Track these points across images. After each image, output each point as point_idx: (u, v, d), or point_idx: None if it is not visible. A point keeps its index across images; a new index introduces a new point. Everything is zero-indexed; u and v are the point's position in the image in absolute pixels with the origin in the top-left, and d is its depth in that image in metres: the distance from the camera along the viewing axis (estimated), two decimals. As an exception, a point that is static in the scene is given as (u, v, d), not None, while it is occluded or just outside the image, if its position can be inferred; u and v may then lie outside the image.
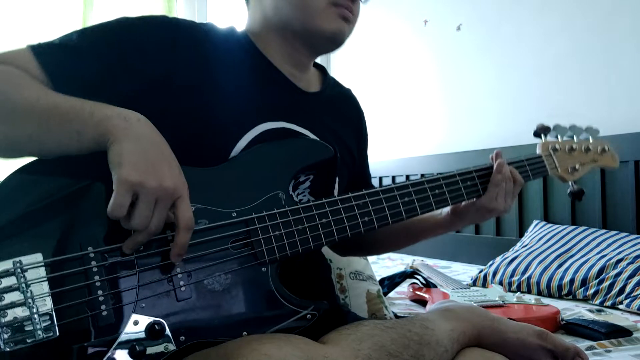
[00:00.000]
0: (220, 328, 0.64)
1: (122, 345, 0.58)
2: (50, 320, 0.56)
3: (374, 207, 0.79)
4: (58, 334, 0.56)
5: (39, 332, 0.55)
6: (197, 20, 0.86)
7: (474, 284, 1.92)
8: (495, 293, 1.48)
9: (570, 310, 1.49)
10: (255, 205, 0.71)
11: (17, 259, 0.56)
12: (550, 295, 1.70)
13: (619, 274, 1.57)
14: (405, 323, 0.71)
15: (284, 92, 0.85)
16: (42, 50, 0.70)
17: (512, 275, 1.85)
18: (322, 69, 0.99)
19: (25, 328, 0.55)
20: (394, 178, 2.99)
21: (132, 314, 0.60)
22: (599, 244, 1.78)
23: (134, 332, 0.59)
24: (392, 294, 1.74)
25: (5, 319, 0.55)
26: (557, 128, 1.06)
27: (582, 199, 1.06)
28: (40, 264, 0.57)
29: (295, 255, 0.71)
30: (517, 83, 2.40)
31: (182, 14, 3.06)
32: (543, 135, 1.05)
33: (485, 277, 1.92)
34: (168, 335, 0.60)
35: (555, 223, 2.07)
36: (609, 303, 1.53)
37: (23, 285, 0.56)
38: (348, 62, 3.55)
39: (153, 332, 0.59)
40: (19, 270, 0.56)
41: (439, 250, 2.64)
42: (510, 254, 1.97)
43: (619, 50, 1.99)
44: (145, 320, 0.60)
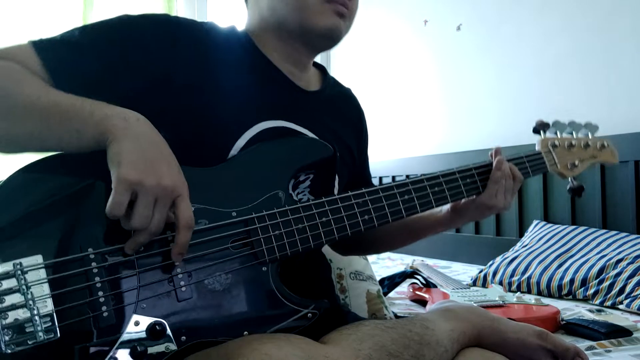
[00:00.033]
0: (221, 328, 0.64)
1: (123, 346, 0.58)
2: (52, 322, 0.56)
3: (374, 205, 0.79)
4: (59, 336, 0.56)
5: (40, 333, 0.55)
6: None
7: (474, 284, 1.92)
8: (495, 293, 1.48)
9: (570, 310, 1.49)
10: (255, 205, 0.71)
11: (17, 261, 0.56)
12: (550, 295, 1.70)
13: (619, 274, 1.57)
14: (406, 323, 0.71)
15: (284, 90, 0.86)
16: (43, 46, 0.70)
17: (512, 275, 1.85)
18: (322, 69, 0.99)
19: (27, 330, 0.55)
20: (394, 178, 2.99)
21: (133, 315, 0.60)
22: (599, 244, 1.78)
23: (135, 332, 0.59)
24: (392, 294, 1.74)
25: (6, 321, 0.55)
26: (556, 124, 1.05)
27: (581, 195, 1.06)
28: (41, 266, 0.57)
29: (296, 255, 0.72)
30: (517, 83, 2.40)
31: (182, 14, 3.07)
32: (542, 132, 1.04)
33: (485, 277, 1.92)
34: (169, 336, 0.61)
35: (555, 223, 2.07)
36: (609, 303, 1.53)
37: (24, 287, 0.56)
38: (348, 62, 3.55)
39: (154, 332, 0.60)
40: (20, 272, 0.56)
41: (439, 250, 2.64)
42: (510, 254, 1.97)
43: (619, 50, 1.99)
44: (146, 321, 0.60)
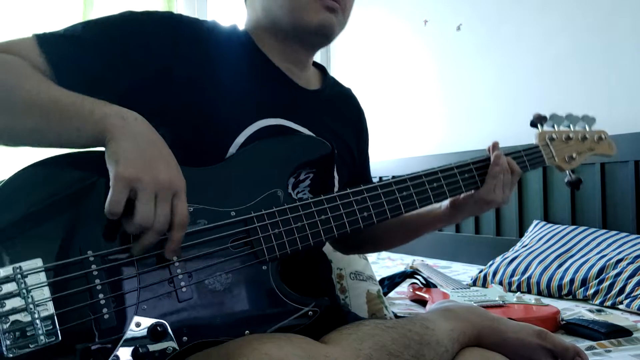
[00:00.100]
0: (222, 327, 0.64)
1: (125, 347, 0.58)
2: (53, 325, 0.56)
3: (373, 202, 0.79)
4: (60, 339, 0.56)
5: (42, 337, 0.55)
6: (196, 19, 0.86)
7: (474, 284, 1.92)
8: (495, 293, 1.48)
9: (570, 310, 1.49)
10: (254, 204, 0.71)
11: (17, 265, 0.56)
12: (550, 295, 1.70)
13: (619, 274, 1.57)
14: (406, 323, 0.71)
15: (283, 89, 0.86)
16: (46, 40, 0.70)
17: (512, 275, 1.85)
18: (322, 69, 0.99)
19: (28, 333, 0.55)
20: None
21: (134, 316, 0.60)
22: (599, 244, 1.78)
23: (137, 333, 0.59)
24: (392, 294, 1.74)
25: (7, 325, 0.54)
26: (553, 117, 1.05)
27: (579, 188, 1.05)
28: (40, 269, 0.57)
29: (296, 253, 0.72)
30: (517, 83, 2.40)
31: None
32: (540, 125, 1.04)
33: (485, 277, 1.92)
34: (170, 336, 0.61)
35: (555, 223, 2.07)
36: (609, 303, 1.53)
37: (24, 291, 0.56)
38: (348, 62, 3.55)
39: (155, 333, 0.60)
40: (19, 276, 0.56)
41: (439, 250, 2.64)
42: (510, 254, 1.97)
43: (619, 50, 1.99)
44: (147, 322, 0.60)
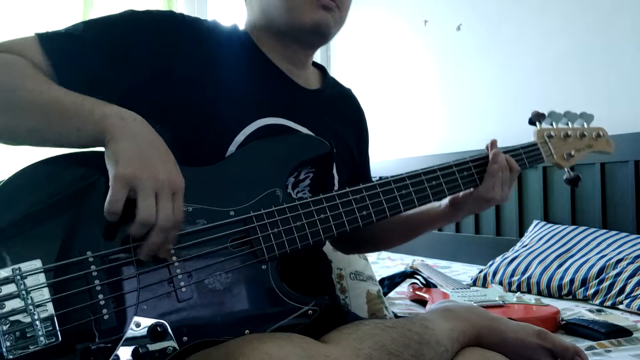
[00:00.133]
0: (223, 327, 0.64)
1: (125, 347, 0.58)
2: (52, 326, 0.56)
3: (372, 200, 0.79)
4: (60, 339, 0.56)
5: (42, 338, 0.55)
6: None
7: (474, 284, 1.92)
8: (495, 293, 1.48)
9: (570, 310, 1.49)
10: (253, 203, 0.71)
11: (16, 266, 0.56)
12: (550, 295, 1.70)
13: (619, 274, 1.57)
14: (406, 323, 0.72)
15: (283, 88, 0.86)
16: (47, 39, 0.70)
17: (512, 275, 1.85)
18: (322, 69, 0.99)
19: (28, 335, 0.55)
20: (394, 178, 2.98)
21: (133, 316, 0.60)
22: (599, 244, 1.78)
23: (137, 334, 0.59)
24: (392, 294, 1.74)
25: (7, 327, 0.54)
26: (552, 115, 1.04)
27: (578, 185, 1.05)
28: (40, 270, 0.57)
29: (295, 253, 0.72)
30: (517, 83, 2.40)
31: (182, 14, 3.06)
32: (538, 123, 1.03)
33: (485, 277, 1.92)
34: (170, 336, 0.61)
35: (555, 223, 2.07)
36: (609, 303, 1.53)
37: (23, 292, 0.56)
38: (348, 62, 3.55)
39: (155, 333, 0.60)
40: (19, 278, 0.56)
41: (439, 250, 2.64)
42: (510, 254, 1.97)
43: (619, 50, 1.99)
44: (147, 322, 0.60)
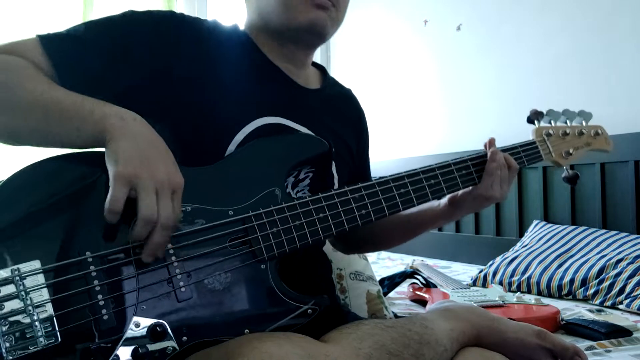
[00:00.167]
0: (222, 327, 0.64)
1: (124, 347, 0.58)
2: (52, 327, 0.56)
3: (371, 199, 0.79)
4: (60, 340, 0.56)
5: (41, 339, 0.55)
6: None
7: (474, 284, 1.92)
8: (495, 293, 1.48)
9: (570, 310, 1.49)
10: (252, 203, 0.71)
11: (15, 267, 0.56)
12: (550, 295, 1.70)
13: (619, 274, 1.57)
14: (406, 322, 0.71)
15: (283, 88, 0.86)
16: (48, 40, 0.71)
17: (512, 275, 1.85)
18: (322, 69, 0.99)
19: (27, 335, 0.55)
20: (394, 178, 2.98)
21: (133, 317, 0.60)
22: (599, 244, 1.78)
23: (136, 334, 0.59)
24: (392, 294, 1.74)
25: (7, 328, 0.54)
26: (550, 113, 1.04)
27: (577, 183, 1.05)
28: (39, 271, 0.57)
29: (294, 252, 0.72)
30: (517, 83, 2.40)
31: (182, 14, 3.06)
32: (536, 121, 1.03)
33: (485, 277, 1.92)
34: (170, 336, 0.61)
35: (555, 223, 2.07)
36: (609, 303, 1.53)
37: (22, 293, 0.56)
38: (348, 62, 3.55)
39: (155, 333, 0.60)
40: (18, 278, 0.56)
41: (439, 250, 2.64)
42: (510, 254, 1.97)
43: (619, 50, 1.99)
44: (147, 322, 0.60)
